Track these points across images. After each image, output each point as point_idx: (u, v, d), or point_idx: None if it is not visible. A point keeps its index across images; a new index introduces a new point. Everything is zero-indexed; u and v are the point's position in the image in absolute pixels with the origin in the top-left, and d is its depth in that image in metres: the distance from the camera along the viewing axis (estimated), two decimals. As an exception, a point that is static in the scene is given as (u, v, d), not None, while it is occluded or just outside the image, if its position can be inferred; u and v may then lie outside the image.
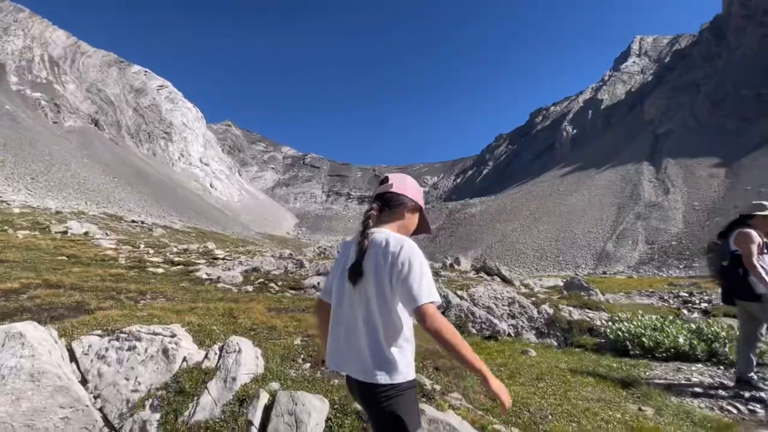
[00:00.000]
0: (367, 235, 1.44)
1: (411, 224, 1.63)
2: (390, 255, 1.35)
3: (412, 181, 1.68)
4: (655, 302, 11.93)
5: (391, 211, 1.58)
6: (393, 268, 1.34)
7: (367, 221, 1.50)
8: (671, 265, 41.42)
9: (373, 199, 1.62)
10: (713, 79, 76.31)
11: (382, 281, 1.36)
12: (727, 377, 4.67)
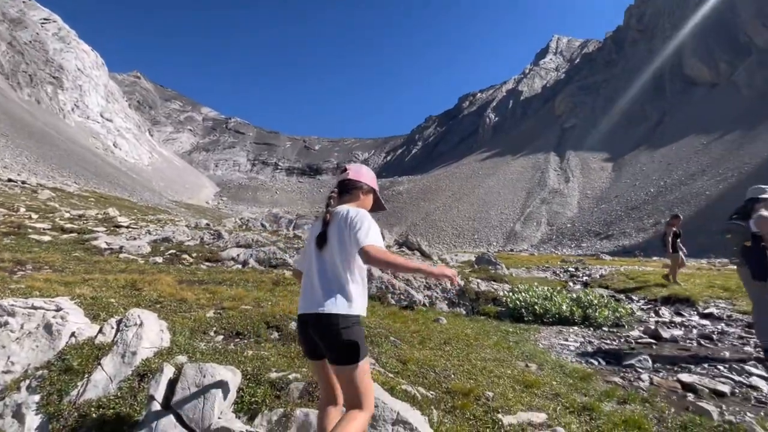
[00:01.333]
0: (330, 211, 1.88)
1: (366, 203, 2.04)
2: (348, 219, 1.78)
3: (366, 169, 2.11)
4: (549, 276, 13.68)
5: (349, 194, 2.00)
6: (349, 226, 1.75)
7: (330, 201, 1.94)
8: (565, 244, 47.48)
9: (335, 186, 2.06)
10: (610, 83, 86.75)
11: (342, 239, 1.77)
12: (594, 336, 5.61)
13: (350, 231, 1.74)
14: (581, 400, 3.19)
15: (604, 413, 2.95)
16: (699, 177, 43.63)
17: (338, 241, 1.79)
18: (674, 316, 6.86)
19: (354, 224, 1.75)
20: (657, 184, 48.93)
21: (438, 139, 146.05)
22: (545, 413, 2.92)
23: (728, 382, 3.60)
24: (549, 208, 59.57)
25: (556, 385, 3.47)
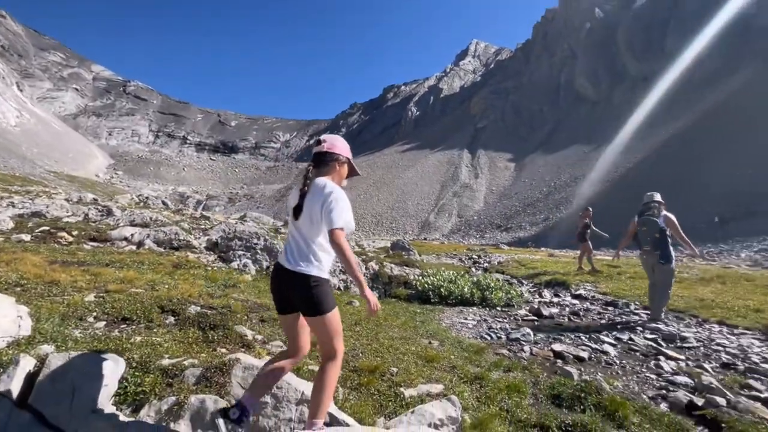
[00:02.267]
0: (308, 183, 2.02)
1: (342, 173, 2.20)
2: (324, 195, 1.94)
3: (341, 140, 2.22)
4: (456, 262, 14.80)
5: (327, 165, 2.13)
6: (325, 203, 1.91)
7: (307, 174, 2.07)
8: (472, 234, 51.75)
9: (312, 158, 2.20)
10: (518, 91, 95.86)
11: (315, 212, 1.95)
12: (490, 315, 6.25)
13: (324, 206, 1.91)
14: (474, 370, 3.53)
15: (491, 381, 3.32)
16: (580, 181, 50.99)
17: (311, 214, 1.98)
18: (553, 297, 7.98)
19: (329, 203, 1.91)
20: (548, 185, 55.91)
21: (362, 127, 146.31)
22: (442, 384, 3.18)
23: (587, 349, 4.32)
24: (460, 201, 64.10)
25: (454, 359, 3.79)
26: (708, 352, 4.34)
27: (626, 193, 38.81)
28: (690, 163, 39.21)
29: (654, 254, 5.59)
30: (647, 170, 43.11)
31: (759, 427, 2.69)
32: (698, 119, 47.87)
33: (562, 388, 3.19)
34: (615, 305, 6.87)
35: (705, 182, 34.15)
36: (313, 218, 1.97)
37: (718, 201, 29.58)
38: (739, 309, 6.06)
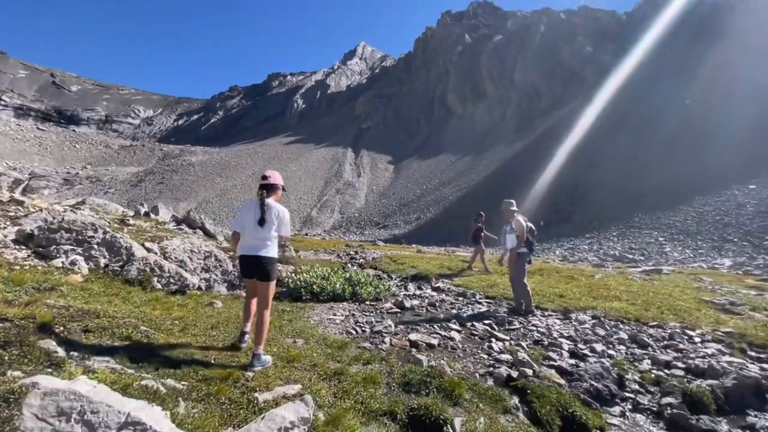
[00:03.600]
0: (265, 203, 3.59)
1: (279, 195, 3.88)
2: (280, 215, 3.63)
3: (278, 175, 3.93)
4: (334, 258, 14.96)
5: (273, 191, 3.79)
6: (281, 219, 3.61)
7: (263, 197, 3.63)
8: (352, 231, 53.13)
9: (260, 187, 3.72)
10: (399, 98, 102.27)
11: (273, 224, 3.56)
12: (358, 310, 6.47)
13: (281, 223, 3.63)
14: (334, 366, 3.59)
15: (350, 375, 3.42)
16: (446, 186, 57.38)
17: (271, 225, 3.57)
18: (417, 289, 8.73)
19: (283, 220, 3.64)
20: (421, 188, 61.27)
21: (242, 112, 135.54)
22: (301, 384, 3.14)
23: (438, 337, 4.84)
24: (342, 198, 65.06)
25: (316, 357, 3.79)
26: (526, 332, 5.34)
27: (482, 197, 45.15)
28: (530, 174, 47.81)
29: (513, 252, 6.59)
30: (499, 179, 50.91)
31: (551, 389, 3.42)
32: (537, 139, 58.75)
33: (412, 375, 3.49)
34: (464, 296, 7.89)
35: (537, 191, 42.13)
36: (272, 226, 3.58)
37: (546, 208, 36.87)
38: (549, 295, 7.62)
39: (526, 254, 6.67)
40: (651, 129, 43.11)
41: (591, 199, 35.93)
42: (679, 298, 7.72)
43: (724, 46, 46.43)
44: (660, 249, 23.16)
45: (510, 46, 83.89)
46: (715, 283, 10.50)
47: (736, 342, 5.25)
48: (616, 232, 28.08)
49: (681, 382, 3.99)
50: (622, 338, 5.25)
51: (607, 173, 39.20)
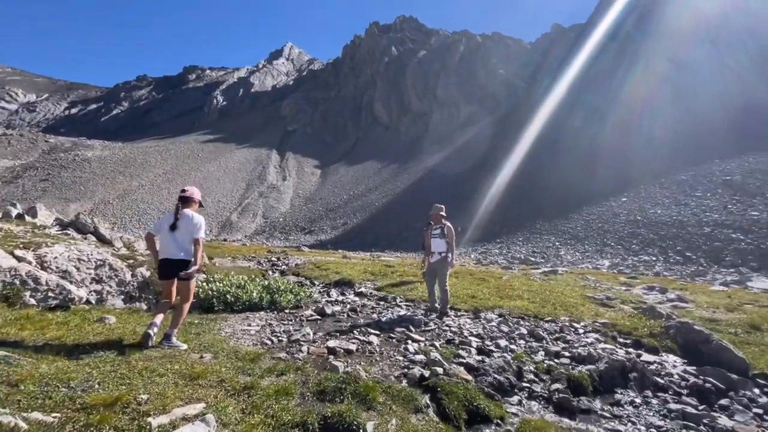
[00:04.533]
0: (180, 213, 4.18)
1: (195, 208, 4.36)
2: (194, 220, 4.21)
3: (197, 191, 4.45)
4: (253, 265, 14.18)
5: (189, 204, 4.31)
6: (194, 224, 4.20)
7: (178, 207, 4.21)
8: (276, 236, 51.06)
9: (178, 199, 4.30)
10: (327, 103, 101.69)
11: (189, 229, 4.17)
12: (276, 318, 6.22)
13: (193, 226, 4.16)
14: (245, 380, 3.39)
15: (261, 388, 3.25)
16: (373, 192, 58.40)
17: (185, 229, 4.15)
18: (339, 295, 8.68)
19: (197, 225, 4.19)
20: (348, 193, 61.42)
21: (152, 105, 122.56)
22: (205, 402, 2.90)
23: (356, 342, 4.86)
24: (266, 202, 62.26)
25: (225, 371, 3.54)
26: (440, 332, 5.63)
27: (407, 204, 46.83)
28: (451, 183, 50.81)
29: (439, 256, 6.88)
30: (423, 187, 53.24)
31: (459, 386, 3.64)
32: (457, 152, 62.78)
33: (327, 383, 3.45)
34: (386, 300, 8.06)
35: (456, 199, 44.96)
36: (186, 231, 4.13)
37: (464, 214, 39.50)
38: (463, 296, 8.15)
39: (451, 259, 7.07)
40: (550, 148, 48.94)
41: (502, 208, 39.47)
42: (569, 295, 8.81)
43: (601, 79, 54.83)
44: (556, 252, 26.33)
45: (433, 62, 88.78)
46: (597, 281, 12.22)
47: (609, 331, 6.16)
48: (522, 238, 31.24)
49: (567, 369, 4.54)
50: (523, 333, 5.82)
51: (516, 185, 43.45)
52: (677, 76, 45.60)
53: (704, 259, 21.54)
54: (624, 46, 54.16)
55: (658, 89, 45.27)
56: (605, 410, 3.92)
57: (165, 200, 55.81)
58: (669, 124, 41.20)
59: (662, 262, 21.81)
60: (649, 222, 27.71)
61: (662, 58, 48.20)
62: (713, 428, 3.61)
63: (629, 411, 3.95)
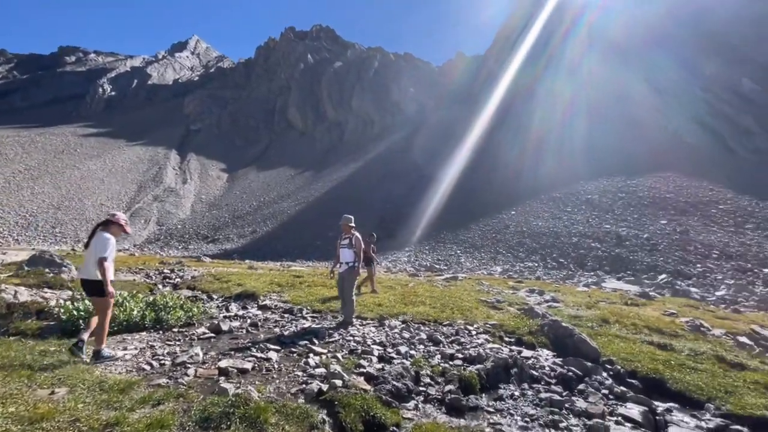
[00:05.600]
0: (95, 233, 4.64)
1: (117, 231, 4.83)
2: (100, 240, 4.55)
3: (121, 214, 4.93)
4: (140, 279, 12.47)
5: (108, 226, 4.77)
6: (100, 243, 4.53)
7: (96, 228, 4.71)
8: (173, 245, 45.88)
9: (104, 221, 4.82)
10: (237, 103, 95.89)
11: (95, 248, 4.50)
12: (161, 339, 5.51)
13: (100, 246, 4.49)
14: (108, 416, 2.91)
15: (129, 423, 2.83)
16: (285, 199, 56.37)
17: (93, 249, 4.51)
18: (240, 309, 8.09)
19: (102, 243, 4.52)
20: (258, 200, 58.30)
21: (14, 86, 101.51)
22: (48, 449, 2.41)
23: (253, 360, 4.56)
24: (161, 207, 55.76)
25: (82, 408, 3.00)
26: (344, 342, 5.60)
27: (321, 213, 46.25)
28: (364, 193, 51.62)
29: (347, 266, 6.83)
30: (337, 196, 53.15)
31: (357, 396, 3.64)
32: (370, 162, 64.21)
33: (213, 408, 3.15)
34: (291, 312, 7.76)
35: (369, 209, 45.87)
36: (94, 251, 4.48)
37: (375, 224, 40.41)
38: (369, 305, 8.26)
39: (358, 269, 7.09)
40: (454, 162, 53.17)
41: (411, 217, 41.44)
42: (465, 300, 9.54)
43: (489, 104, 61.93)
44: (457, 259, 28.51)
45: (349, 74, 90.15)
46: (491, 285, 13.49)
47: (497, 331, 6.81)
48: (428, 246, 33.15)
49: (459, 370, 4.87)
50: (423, 338, 6.09)
51: (424, 197, 46.09)
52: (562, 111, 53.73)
53: (572, 264, 25.42)
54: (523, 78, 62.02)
55: (549, 121, 52.90)
56: (490, 405, 4.28)
57: (28, 200, 46.41)
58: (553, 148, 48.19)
59: (542, 267, 25.13)
60: (532, 233, 31.77)
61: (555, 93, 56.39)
62: (572, 410, 4.19)
63: (509, 404, 4.38)
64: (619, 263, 24.71)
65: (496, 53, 75.90)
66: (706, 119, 50.90)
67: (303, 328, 6.43)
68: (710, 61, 56.49)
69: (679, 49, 58.23)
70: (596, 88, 57.17)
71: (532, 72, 64.60)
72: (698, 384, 4.94)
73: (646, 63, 58.47)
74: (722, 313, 10.78)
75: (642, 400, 4.62)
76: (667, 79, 56.36)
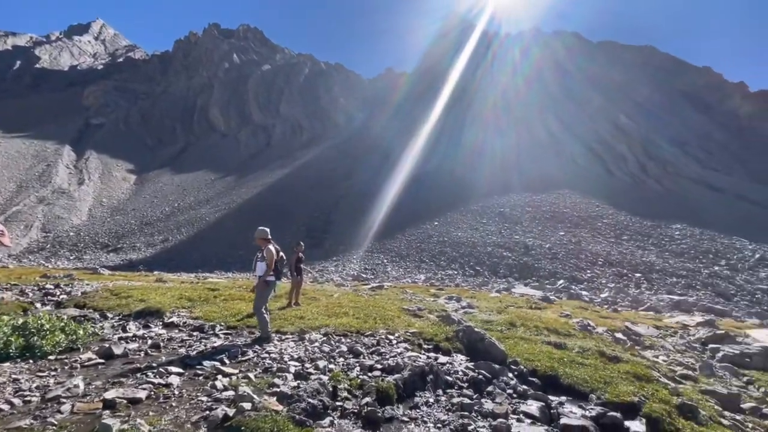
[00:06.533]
0: None
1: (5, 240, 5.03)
2: None
3: None
4: (10, 297, 10.45)
5: None
6: None
7: None
8: (63, 255, 39.61)
9: None
10: (150, 99, 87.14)
11: None
12: (29, 371, 4.65)
13: None
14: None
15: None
16: (204, 205, 52.29)
17: None
18: (141, 329, 7.20)
19: None
20: (172, 205, 53.18)
21: None
22: None
23: (149, 387, 4.06)
24: (49, 211, 47.95)
25: None
26: (258, 361, 5.28)
27: (244, 221, 43.69)
28: (291, 201, 50.06)
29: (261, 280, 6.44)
30: (262, 203, 50.78)
31: (267, 419, 3.43)
32: (298, 170, 62.71)
33: (90, 449, 2.71)
34: (202, 330, 7.13)
35: (296, 217, 44.61)
36: None
37: (303, 234, 39.40)
38: (291, 318, 7.95)
39: (273, 283, 6.73)
40: (382, 174, 54.41)
41: (339, 227, 41.26)
42: (389, 309, 9.68)
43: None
44: (384, 268, 29.05)
45: (277, 78, 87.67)
46: (414, 294, 13.93)
47: (416, 339, 7.01)
48: (356, 256, 33.26)
49: (377, 381, 4.88)
50: (343, 351, 6.01)
51: (352, 207, 46.29)
52: (483, 135, 58.26)
53: (487, 271, 27.51)
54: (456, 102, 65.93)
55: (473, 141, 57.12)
56: (405, 415, 4.35)
57: None
58: (473, 166, 51.90)
59: (461, 275, 26.76)
60: (452, 242, 33.73)
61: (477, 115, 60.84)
62: (480, 412, 4.45)
63: (423, 411, 4.50)
64: (527, 270, 27.32)
65: (425, 74, 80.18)
66: (593, 146, 59.36)
67: (214, 346, 5.93)
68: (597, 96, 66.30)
69: (574, 84, 67.48)
70: (510, 114, 63.48)
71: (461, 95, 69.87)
72: (584, 377, 5.59)
73: (550, 94, 66.60)
74: (605, 313, 12.45)
75: (540, 397, 5.09)
76: (564, 109, 64.71)
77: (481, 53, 76.35)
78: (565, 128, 61.74)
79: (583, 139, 59.41)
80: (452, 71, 74.99)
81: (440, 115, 66.39)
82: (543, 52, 73.85)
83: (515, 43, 78.63)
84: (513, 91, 67.20)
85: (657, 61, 79.90)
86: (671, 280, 26.21)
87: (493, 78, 70.38)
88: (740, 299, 23.58)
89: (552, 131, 60.79)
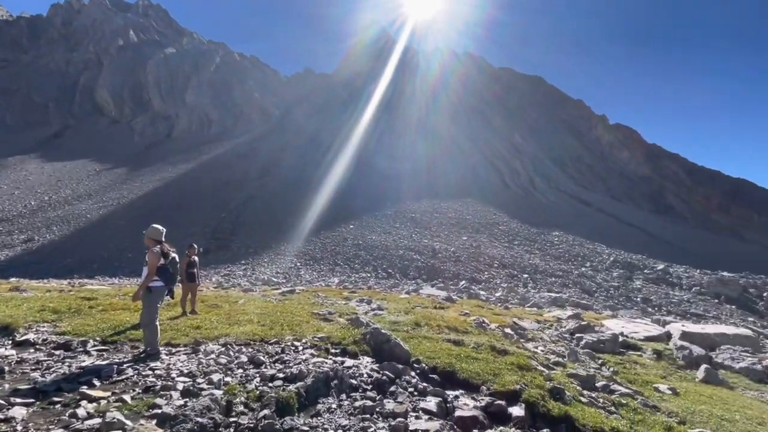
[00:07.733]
0: None
1: None
2: None
3: None
4: None
5: None
6: None
7: None
8: None
9: None
10: (14, 68, 72.10)
11: None
12: None
13: None
14: None
15: None
16: (85, 200, 44.77)
17: None
18: (-21, 352, 5.82)
19: None
20: (41, 198, 44.47)
21: None
22: None
23: (-20, 423, 3.28)
24: None
25: None
26: (138, 379, 4.64)
27: (137, 219, 38.52)
28: (193, 199, 45.66)
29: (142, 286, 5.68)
30: (159, 200, 45.42)
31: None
32: (205, 165, 57.62)
33: None
34: (68, 347, 6.04)
35: (201, 217, 40.86)
36: None
37: (208, 235, 36.22)
38: (185, 329, 7.21)
39: (160, 289, 5.96)
40: (297, 174, 53.07)
41: (249, 229, 38.94)
42: (298, 314, 9.39)
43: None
44: (297, 272, 28.23)
45: (184, 64, 79.85)
46: (326, 297, 13.75)
47: (324, 344, 6.90)
48: (267, 259, 31.70)
49: (277, 391, 4.66)
50: (242, 361, 5.63)
51: (263, 208, 44.13)
52: (400, 143, 60.33)
53: (398, 274, 28.61)
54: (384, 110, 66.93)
55: (388, 148, 58.63)
56: (305, 424, 4.22)
57: None
58: (386, 172, 53.47)
59: (374, 277, 27.34)
60: (367, 245, 34.33)
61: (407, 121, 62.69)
62: (381, 414, 4.53)
63: (325, 418, 4.42)
64: (434, 272, 29.09)
65: (347, 80, 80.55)
66: (493, 160, 66.23)
67: (81, 366, 5.06)
68: (497, 116, 74.25)
69: (480, 103, 74.52)
70: (424, 125, 67.25)
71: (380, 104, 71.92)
72: (477, 371, 6.09)
73: (459, 109, 72.43)
74: (498, 310, 13.82)
75: (438, 393, 5.39)
76: (470, 125, 71.07)
77: (400, 67, 79.94)
78: (470, 142, 67.69)
79: (485, 153, 66.03)
80: (372, 80, 76.97)
81: (359, 122, 67.32)
82: (456, 70, 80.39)
83: (432, 58, 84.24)
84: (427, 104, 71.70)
85: (544, 91, 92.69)
86: (551, 280, 30.35)
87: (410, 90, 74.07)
88: (599, 295, 28.34)
89: (459, 144, 66.21)
